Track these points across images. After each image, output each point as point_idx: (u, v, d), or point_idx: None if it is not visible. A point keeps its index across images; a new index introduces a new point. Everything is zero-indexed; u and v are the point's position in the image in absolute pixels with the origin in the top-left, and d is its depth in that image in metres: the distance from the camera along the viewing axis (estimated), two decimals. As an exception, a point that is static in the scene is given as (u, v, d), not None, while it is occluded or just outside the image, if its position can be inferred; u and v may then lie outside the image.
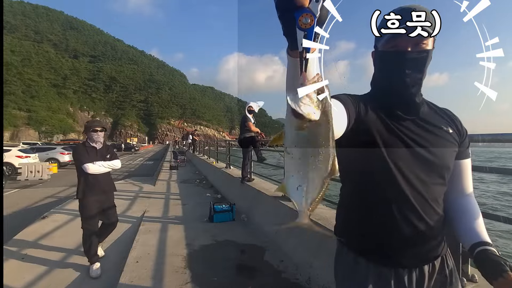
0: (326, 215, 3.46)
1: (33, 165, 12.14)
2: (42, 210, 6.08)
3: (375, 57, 0.99)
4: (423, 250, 0.95)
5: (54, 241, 4.23)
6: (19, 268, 3.36)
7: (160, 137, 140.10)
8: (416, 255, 0.94)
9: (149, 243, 3.92)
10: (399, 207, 0.91)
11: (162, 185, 9.28)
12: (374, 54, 0.99)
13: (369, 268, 0.97)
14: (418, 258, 0.95)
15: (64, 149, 18.12)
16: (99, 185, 3.34)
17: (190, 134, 22.67)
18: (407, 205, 0.91)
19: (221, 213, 4.93)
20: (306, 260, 3.07)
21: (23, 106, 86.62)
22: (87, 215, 3.26)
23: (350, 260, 1.03)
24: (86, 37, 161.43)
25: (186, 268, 3.20)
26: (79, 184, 3.27)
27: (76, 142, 37.27)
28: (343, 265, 1.07)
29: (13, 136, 75.42)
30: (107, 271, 3.26)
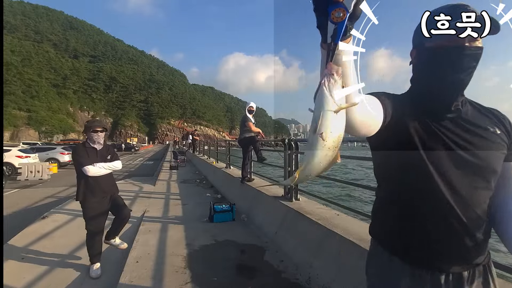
0: (326, 215, 3.46)
1: (33, 165, 12.14)
2: (42, 210, 6.07)
3: (419, 55, 0.95)
4: (462, 256, 0.91)
5: (54, 241, 4.23)
6: (19, 268, 3.35)
7: (160, 137, 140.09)
8: (455, 260, 0.91)
9: (149, 243, 3.92)
10: (439, 210, 0.89)
11: (162, 185, 9.28)
12: (418, 52, 0.95)
13: (405, 268, 0.95)
14: (457, 264, 0.91)
15: (64, 149, 18.12)
16: (100, 187, 3.26)
17: (190, 134, 22.66)
18: (448, 209, 0.88)
19: (221, 213, 4.93)
20: (306, 260, 3.07)
21: (23, 106, 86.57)
22: (89, 216, 3.22)
23: (385, 259, 1.01)
24: (86, 37, 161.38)
25: (186, 268, 3.20)
26: (79, 186, 3.20)
27: (76, 142, 37.25)
28: (377, 264, 1.06)
29: (13, 136, 75.36)
30: (107, 271, 3.26)
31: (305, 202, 4.17)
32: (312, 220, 3.32)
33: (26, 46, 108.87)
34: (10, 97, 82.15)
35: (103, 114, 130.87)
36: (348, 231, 2.85)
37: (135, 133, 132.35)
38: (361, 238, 2.64)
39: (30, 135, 78.91)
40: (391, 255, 0.99)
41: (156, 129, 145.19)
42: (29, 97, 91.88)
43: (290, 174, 4.38)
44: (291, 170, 4.38)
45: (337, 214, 3.50)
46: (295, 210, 3.79)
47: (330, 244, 2.90)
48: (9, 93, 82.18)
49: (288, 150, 4.43)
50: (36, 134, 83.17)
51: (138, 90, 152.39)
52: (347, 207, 3.61)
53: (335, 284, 2.56)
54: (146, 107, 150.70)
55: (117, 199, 3.50)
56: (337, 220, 3.26)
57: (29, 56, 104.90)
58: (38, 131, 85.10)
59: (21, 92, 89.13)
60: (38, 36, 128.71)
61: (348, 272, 2.50)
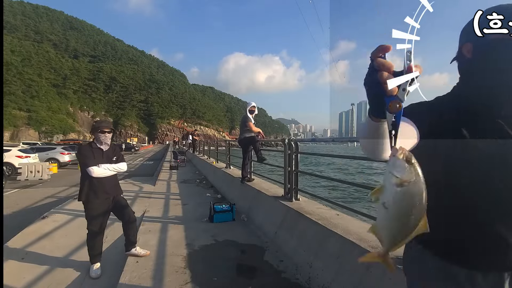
0: (326, 215, 3.46)
1: (33, 165, 12.14)
2: (42, 210, 6.08)
3: (477, 49, 0.92)
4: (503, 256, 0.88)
5: (54, 241, 4.24)
6: (19, 268, 3.35)
7: (160, 137, 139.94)
8: (496, 260, 0.89)
9: (149, 243, 3.92)
10: (483, 210, 0.88)
11: (162, 185, 9.28)
12: (474, 46, 0.92)
13: (442, 266, 0.95)
14: (497, 264, 0.89)
15: (64, 149, 18.12)
16: (104, 188, 3.24)
17: (190, 134, 22.69)
18: (493, 209, 0.86)
19: (221, 213, 4.93)
20: (306, 260, 3.07)
21: (23, 106, 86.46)
22: (91, 216, 3.21)
23: (426, 258, 1.00)
24: (86, 37, 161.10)
25: (186, 268, 3.20)
26: (83, 187, 3.18)
27: (76, 142, 37.26)
28: (414, 261, 1.06)
29: (13, 136, 75.30)
30: (107, 271, 3.26)
31: (305, 202, 4.17)
32: (312, 220, 3.32)
33: (26, 46, 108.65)
34: (10, 97, 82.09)
35: (103, 114, 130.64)
36: (349, 231, 2.85)
37: (135, 133, 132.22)
38: (361, 238, 2.64)
39: (30, 135, 78.84)
40: (431, 254, 0.99)
41: (156, 129, 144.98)
42: (29, 97, 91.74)
43: (290, 174, 4.38)
44: (291, 170, 4.37)
45: (337, 214, 3.50)
46: (295, 210, 3.79)
47: (330, 244, 2.89)
48: (9, 93, 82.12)
49: (288, 150, 4.43)
50: (36, 134, 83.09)
51: (138, 90, 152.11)
52: (347, 207, 3.60)
53: (335, 284, 2.56)
54: (146, 107, 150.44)
55: (120, 200, 3.48)
56: (337, 220, 3.26)
57: (29, 56, 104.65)
58: (38, 131, 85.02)
59: (21, 92, 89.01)
60: (38, 36, 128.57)
61: (348, 272, 2.50)
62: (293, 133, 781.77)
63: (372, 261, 0.81)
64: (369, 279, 2.24)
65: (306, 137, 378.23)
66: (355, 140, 3.86)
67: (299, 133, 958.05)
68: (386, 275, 2.07)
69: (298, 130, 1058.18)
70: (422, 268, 1.02)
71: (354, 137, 4.33)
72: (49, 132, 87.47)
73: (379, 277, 2.14)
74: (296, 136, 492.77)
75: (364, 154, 1.19)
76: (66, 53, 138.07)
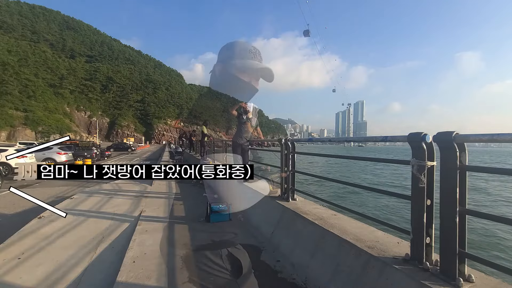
0: (323, 215, 3.47)
1: (29, 165, 12.09)
2: (39, 210, 6.04)
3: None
4: None
5: (51, 241, 4.22)
6: (16, 268, 3.34)
7: (157, 137, 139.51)
8: None
9: (146, 243, 3.91)
10: None
11: (159, 185, 9.25)
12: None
13: None
14: None
15: (61, 149, 18.03)
16: None
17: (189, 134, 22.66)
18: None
19: (218, 213, 4.93)
20: (303, 260, 3.07)
21: (20, 106, 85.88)
22: None
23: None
24: (83, 37, 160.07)
25: (182, 268, 3.20)
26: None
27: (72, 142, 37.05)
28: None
29: (10, 136, 74.88)
30: (104, 271, 3.26)
31: (302, 202, 4.17)
32: (309, 220, 3.33)
33: (23, 46, 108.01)
34: (6, 97, 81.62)
35: (100, 114, 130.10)
36: (345, 231, 2.86)
37: (132, 133, 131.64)
38: (358, 238, 2.65)
39: (27, 135, 78.33)
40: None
41: (153, 129, 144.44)
42: (25, 97, 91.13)
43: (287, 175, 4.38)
44: (288, 170, 4.38)
45: (334, 214, 3.51)
46: (292, 210, 3.80)
47: (327, 244, 2.90)
48: (5, 93, 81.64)
49: (285, 150, 4.43)
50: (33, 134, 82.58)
51: (134, 90, 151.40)
52: (343, 207, 3.61)
53: (331, 284, 2.57)
54: (143, 107, 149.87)
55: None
56: (334, 220, 3.27)
57: (26, 56, 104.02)
58: (34, 131, 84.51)
59: (17, 92, 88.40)
60: (35, 36, 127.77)
61: (345, 272, 2.51)
62: (290, 133, 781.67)
63: None
64: (366, 279, 2.25)
65: (302, 137, 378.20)
66: (352, 140, 3.87)
67: (295, 133, 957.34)
68: (383, 275, 2.07)
69: (295, 130, 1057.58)
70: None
71: (351, 137, 4.33)
72: (45, 132, 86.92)
73: (376, 277, 2.15)
74: (293, 136, 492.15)
75: (360, 154, 1.20)
76: (63, 53, 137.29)
